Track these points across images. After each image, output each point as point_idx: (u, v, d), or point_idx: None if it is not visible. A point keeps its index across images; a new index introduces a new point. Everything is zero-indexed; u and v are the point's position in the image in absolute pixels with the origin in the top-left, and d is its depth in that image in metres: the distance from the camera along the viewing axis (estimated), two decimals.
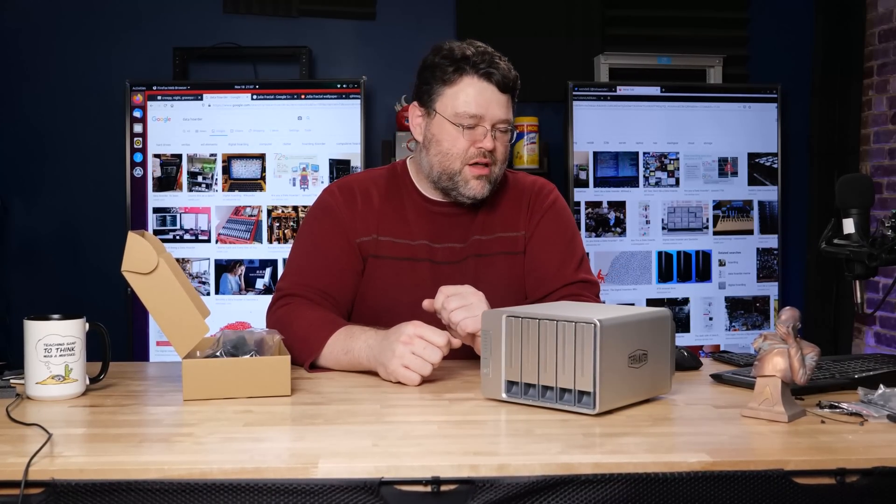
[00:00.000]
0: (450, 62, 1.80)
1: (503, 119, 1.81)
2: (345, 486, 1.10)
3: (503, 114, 1.81)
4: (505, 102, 1.82)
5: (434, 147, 1.83)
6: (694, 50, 4.10)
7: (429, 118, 1.85)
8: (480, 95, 1.79)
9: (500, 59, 1.82)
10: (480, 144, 1.79)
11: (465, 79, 1.80)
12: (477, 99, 1.79)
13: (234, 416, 1.37)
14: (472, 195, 1.83)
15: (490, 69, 1.79)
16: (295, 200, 3.68)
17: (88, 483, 1.09)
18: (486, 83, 1.79)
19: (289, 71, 3.95)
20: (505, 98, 1.82)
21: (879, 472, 1.15)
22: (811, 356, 1.36)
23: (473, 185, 1.82)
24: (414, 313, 1.66)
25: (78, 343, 1.48)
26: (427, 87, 1.84)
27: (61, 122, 3.96)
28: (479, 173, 1.81)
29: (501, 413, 1.40)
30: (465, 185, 1.82)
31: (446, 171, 1.82)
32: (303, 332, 1.71)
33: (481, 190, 1.83)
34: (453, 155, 1.81)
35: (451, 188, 1.84)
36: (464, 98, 1.79)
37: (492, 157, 1.81)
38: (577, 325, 1.35)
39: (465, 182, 1.82)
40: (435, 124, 1.83)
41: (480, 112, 1.79)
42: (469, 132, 1.80)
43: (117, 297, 3.59)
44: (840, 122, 4.12)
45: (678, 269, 3.90)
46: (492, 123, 1.80)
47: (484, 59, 1.79)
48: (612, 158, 3.86)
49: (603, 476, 1.12)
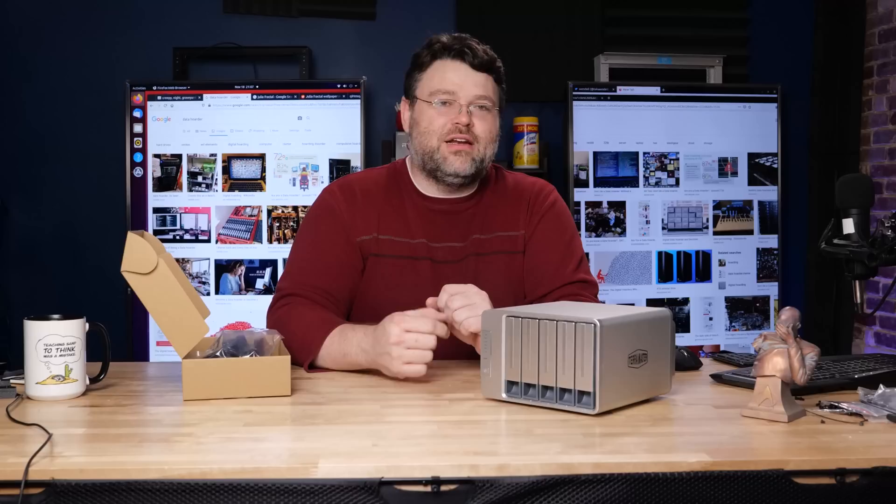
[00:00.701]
0: (426, 50, 1.87)
1: (480, 95, 1.83)
2: (345, 486, 1.10)
3: (479, 91, 1.83)
4: (481, 81, 1.84)
5: (415, 130, 1.88)
6: (694, 50, 4.10)
7: (412, 107, 1.90)
8: (454, 73, 1.84)
9: (476, 42, 1.86)
10: (456, 120, 1.82)
11: (438, 62, 1.86)
12: (450, 76, 1.84)
13: (234, 416, 1.37)
14: (454, 171, 1.84)
15: (462, 49, 1.83)
16: (295, 200, 3.68)
17: (88, 483, 1.09)
18: (459, 62, 1.84)
19: (289, 71, 3.95)
20: (481, 77, 1.84)
21: (879, 472, 1.15)
22: (811, 356, 1.36)
23: (452, 161, 1.83)
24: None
25: (78, 343, 1.48)
26: (409, 78, 1.91)
27: (61, 122, 3.96)
28: (457, 149, 1.83)
29: (501, 413, 1.40)
30: (445, 162, 1.84)
31: (427, 150, 1.85)
32: (301, 333, 1.71)
33: (461, 165, 1.83)
34: (431, 132, 1.84)
35: (434, 168, 1.86)
36: (438, 77, 1.85)
37: (472, 134, 1.83)
38: (577, 325, 1.35)
39: (444, 159, 1.84)
40: (416, 110, 1.88)
41: (453, 88, 1.83)
42: (444, 108, 1.83)
43: (117, 297, 3.59)
44: (840, 122, 4.12)
45: (678, 269, 3.90)
46: (467, 100, 1.83)
47: (456, 41, 1.85)
48: (612, 158, 3.86)
49: (603, 476, 1.12)
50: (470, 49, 1.83)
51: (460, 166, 1.83)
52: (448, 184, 1.87)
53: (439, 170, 1.85)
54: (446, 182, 1.86)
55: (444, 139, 1.83)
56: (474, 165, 1.84)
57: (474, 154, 1.84)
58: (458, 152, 1.83)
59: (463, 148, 1.83)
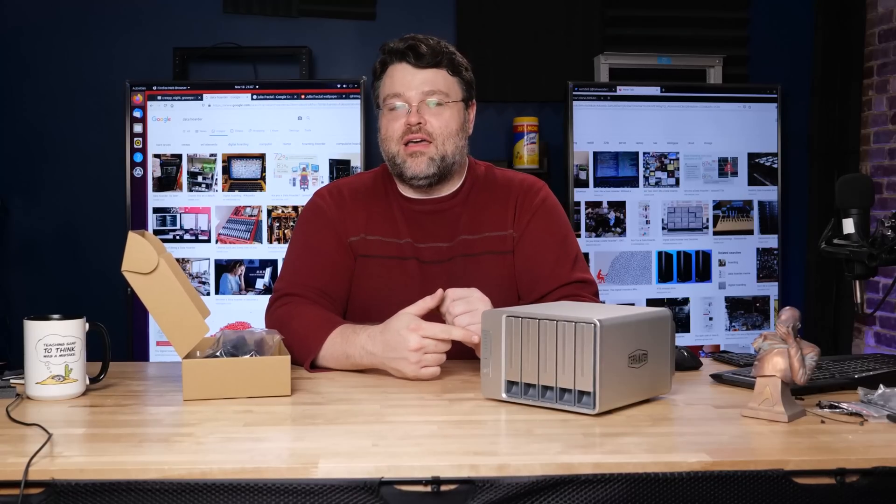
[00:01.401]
0: (379, 57, 1.89)
1: (428, 91, 1.83)
2: (345, 486, 1.10)
3: (427, 86, 1.83)
4: (429, 77, 1.84)
5: (379, 138, 1.89)
6: (694, 50, 4.09)
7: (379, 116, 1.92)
8: (400, 75, 1.84)
9: (422, 39, 1.85)
10: (407, 121, 1.82)
11: (389, 67, 1.87)
12: (396, 80, 1.85)
13: (234, 416, 1.37)
14: (413, 174, 1.84)
15: (405, 50, 1.83)
16: (295, 200, 3.68)
17: (88, 483, 1.09)
18: (404, 63, 1.85)
19: (289, 71, 3.95)
20: (428, 73, 1.84)
21: (879, 472, 1.15)
22: (811, 356, 1.36)
23: (410, 164, 1.84)
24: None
25: (78, 343, 1.48)
26: (374, 90, 1.93)
27: (61, 122, 3.96)
28: (412, 150, 1.83)
29: (501, 413, 1.40)
30: (405, 165, 1.84)
31: (389, 156, 1.87)
32: (301, 332, 1.72)
33: (419, 167, 1.83)
34: (388, 139, 1.86)
35: (399, 173, 1.87)
36: (388, 82, 1.86)
37: (425, 132, 1.83)
38: (577, 325, 1.35)
39: (403, 162, 1.84)
40: (380, 119, 1.90)
41: (400, 90, 1.83)
42: (395, 113, 1.84)
43: (117, 297, 3.59)
44: (840, 122, 4.12)
45: (678, 269, 3.90)
46: (417, 99, 1.83)
47: (403, 42, 1.85)
48: (612, 158, 3.86)
49: (603, 476, 1.12)
50: (412, 49, 1.83)
51: (418, 168, 1.83)
52: (415, 186, 1.87)
53: (403, 174, 1.86)
54: (412, 185, 1.87)
55: (402, 142, 1.83)
56: (434, 164, 1.84)
57: (431, 153, 1.83)
58: (413, 153, 1.83)
59: (418, 148, 1.83)
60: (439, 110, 1.84)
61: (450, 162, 1.86)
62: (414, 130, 1.82)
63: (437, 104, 1.84)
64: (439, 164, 1.84)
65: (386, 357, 1.61)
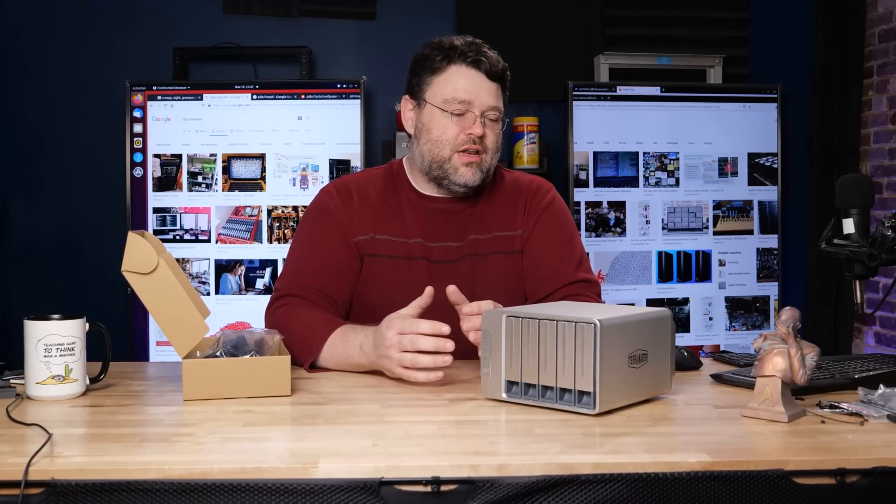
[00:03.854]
0: (438, 52, 1.83)
1: (492, 106, 1.82)
2: (345, 486, 1.10)
3: (493, 101, 1.82)
4: (494, 91, 1.83)
5: (424, 136, 1.85)
6: (694, 50, 4.09)
7: (419, 109, 1.87)
8: (469, 82, 1.81)
9: (489, 49, 1.84)
10: (470, 131, 1.80)
11: (454, 67, 1.82)
12: (466, 85, 1.81)
13: (234, 416, 1.37)
14: (464, 182, 1.83)
15: (479, 57, 1.81)
16: (295, 200, 3.68)
17: (88, 483, 1.09)
18: (475, 70, 1.81)
19: (289, 71, 3.95)
20: (494, 86, 1.83)
21: (879, 472, 1.15)
22: (811, 356, 1.36)
23: (464, 172, 1.82)
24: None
25: (78, 343, 1.48)
26: (417, 78, 1.87)
27: (61, 122, 3.96)
28: (468, 160, 1.82)
29: (501, 413, 1.40)
30: (456, 173, 1.82)
31: (436, 159, 1.83)
32: (302, 333, 1.71)
33: (472, 177, 1.83)
34: (443, 142, 1.82)
35: (442, 177, 1.84)
36: (452, 85, 1.81)
37: (482, 144, 1.82)
38: (577, 325, 1.35)
39: (454, 170, 1.82)
40: (425, 114, 1.85)
41: (469, 98, 1.80)
42: (458, 119, 1.81)
43: (117, 297, 3.59)
44: (840, 122, 4.12)
45: (678, 269, 3.90)
46: (481, 110, 1.81)
47: (472, 48, 1.82)
48: (612, 158, 3.86)
49: (603, 476, 1.12)
50: (486, 57, 1.81)
51: (470, 178, 1.83)
52: (454, 192, 1.87)
53: (447, 179, 1.84)
54: (452, 191, 1.86)
55: (457, 149, 1.82)
56: (481, 175, 1.84)
57: (483, 165, 1.84)
58: (469, 164, 1.82)
59: (474, 159, 1.82)
60: (495, 126, 1.84)
61: (490, 174, 1.88)
62: (475, 142, 1.81)
63: (494, 120, 1.84)
64: (484, 175, 1.85)
65: (375, 356, 1.61)
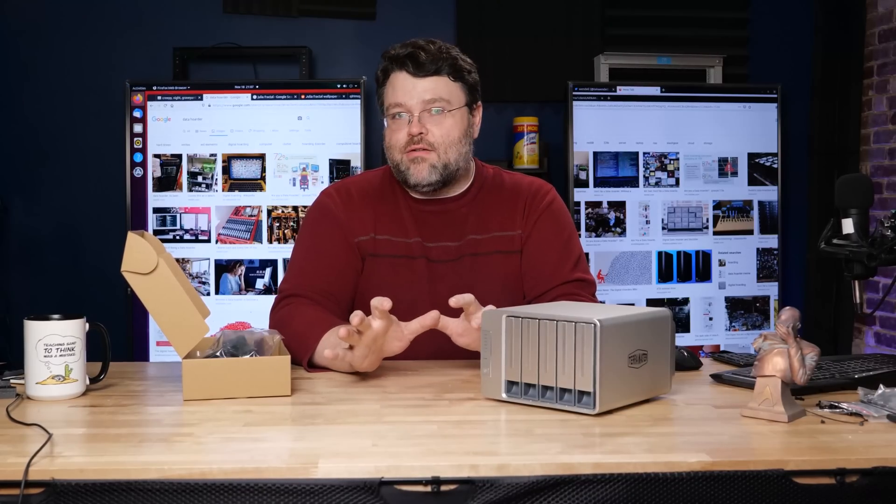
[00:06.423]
0: (381, 64, 1.88)
1: (428, 100, 1.82)
2: (345, 486, 1.10)
3: (428, 95, 1.82)
4: (429, 86, 1.83)
5: (384, 146, 1.89)
6: (694, 50, 4.10)
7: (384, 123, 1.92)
8: (403, 83, 1.83)
9: (427, 43, 1.84)
10: (409, 131, 1.82)
11: (392, 74, 1.86)
12: (397, 89, 1.84)
13: (234, 416, 1.37)
14: (415, 181, 1.84)
15: (405, 59, 1.82)
16: (295, 200, 3.68)
17: (88, 483, 1.09)
18: (405, 72, 1.83)
19: (289, 71, 3.95)
20: (428, 81, 1.83)
21: (879, 472, 1.15)
22: (811, 356, 1.36)
23: (413, 171, 1.84)
24: (411, 310, 1.66)
25: (78, 343, 1.48)
26: (377, 95, 1.92)
27: (61, 122, 3.96)
28: (413, 157, 1.83)
29: (501, 413, 1.40)
30: (408, 173, 1.84)
31: (393, 163, 1.87)
32: (300, 331, 1.72)
33: (422, 174, 1.83)
34: (392, 147, 1.86)
35: (403, 181, 1.87)
36: (390, 91, 1.86)
37: (427, 142, 1.83)
38: (577, 325, 1.35)
39: (406, 169, 1.84)
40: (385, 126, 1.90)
41: (402, 100, 1.83)
42: (399, 122, 1.84)
43: (117, 297, 3.59)
44: (840, 122, 4.12)
45: (678, 269, 3.90)
46: (418, 109, 1.82)
47: (403, 49, 1.84)
48: (612, 158, 3.86)
49: (603, 476, 1.12)
50: (411, 57, 1.82)
51: (420, 175, 1.83)
52: (419, 192, 1.87)
53: (406, 182, 1.86)
54: (416, 191, 1.88)
55: (404, 151, 1.84)
56: (436, 172, 1.84)
57: (433, 160, 1.83)
58: (415, 159, 1.83)
59: (419, 154, 1.83)
60: (441, 118, 1.84)
61: (453, 169, 1.86)
62: (416, 141, 1.82)
63: (440, 112, 1.83)
64: (441, 171, 1.84)
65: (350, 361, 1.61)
